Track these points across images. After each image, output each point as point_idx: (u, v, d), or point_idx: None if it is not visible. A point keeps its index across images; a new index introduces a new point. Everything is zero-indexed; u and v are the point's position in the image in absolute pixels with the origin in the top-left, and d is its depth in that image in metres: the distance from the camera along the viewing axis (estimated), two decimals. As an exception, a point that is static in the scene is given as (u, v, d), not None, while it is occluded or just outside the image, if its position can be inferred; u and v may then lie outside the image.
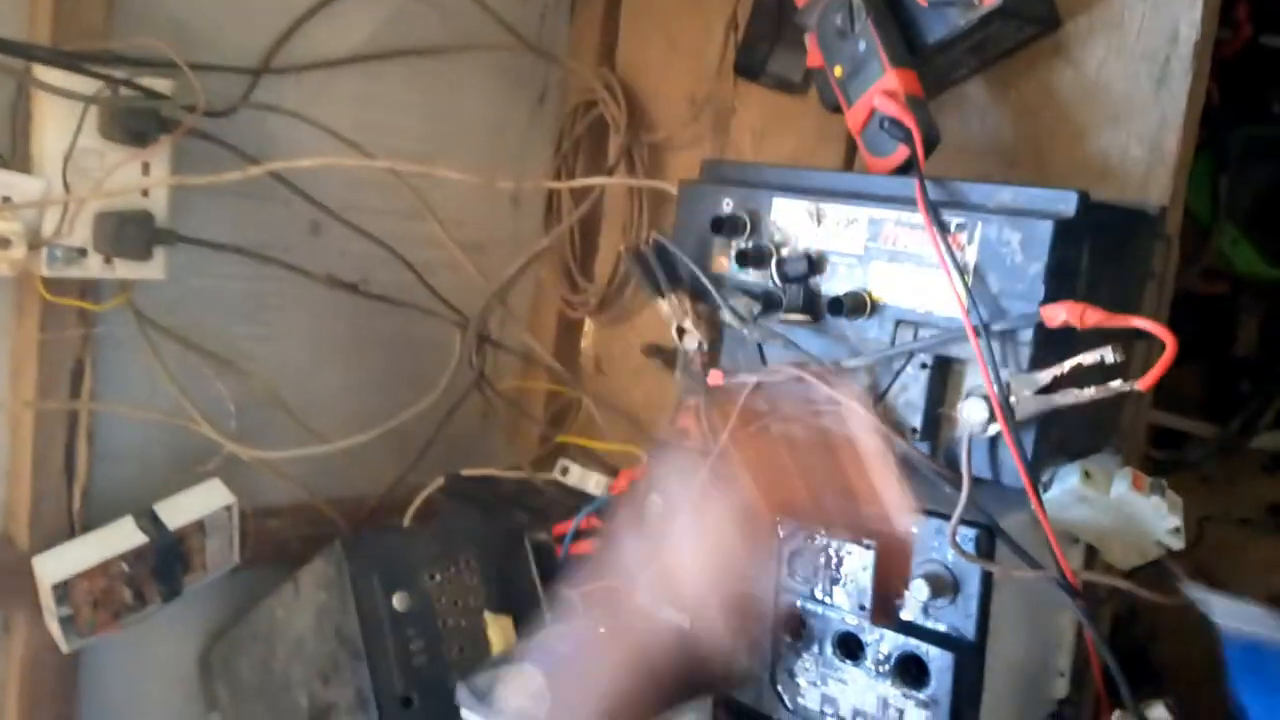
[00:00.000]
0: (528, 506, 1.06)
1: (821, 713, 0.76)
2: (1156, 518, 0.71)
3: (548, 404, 1.26)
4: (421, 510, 1.10)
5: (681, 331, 0.83)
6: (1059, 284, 0.64)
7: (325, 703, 0.84)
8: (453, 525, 0.91)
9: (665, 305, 0.82)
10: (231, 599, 1.06)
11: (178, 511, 0.95)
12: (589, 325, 1.27)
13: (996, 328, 0.64)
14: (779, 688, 0.79)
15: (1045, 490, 0.72)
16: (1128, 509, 0.71)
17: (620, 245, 1.15)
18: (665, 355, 1.14)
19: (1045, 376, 0.62)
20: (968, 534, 0.69)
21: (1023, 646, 0.77)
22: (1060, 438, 0.69)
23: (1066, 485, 0.71)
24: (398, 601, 0.83)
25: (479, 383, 1.08)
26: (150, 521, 0.93)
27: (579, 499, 1.07)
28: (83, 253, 0.89)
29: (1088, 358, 0.60)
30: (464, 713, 0.76)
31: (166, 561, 0.94)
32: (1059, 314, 0.62)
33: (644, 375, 1.20)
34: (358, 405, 1.09)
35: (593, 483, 1.10)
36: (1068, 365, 0.61)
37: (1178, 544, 0.73)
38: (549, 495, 1.11)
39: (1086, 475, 0.71)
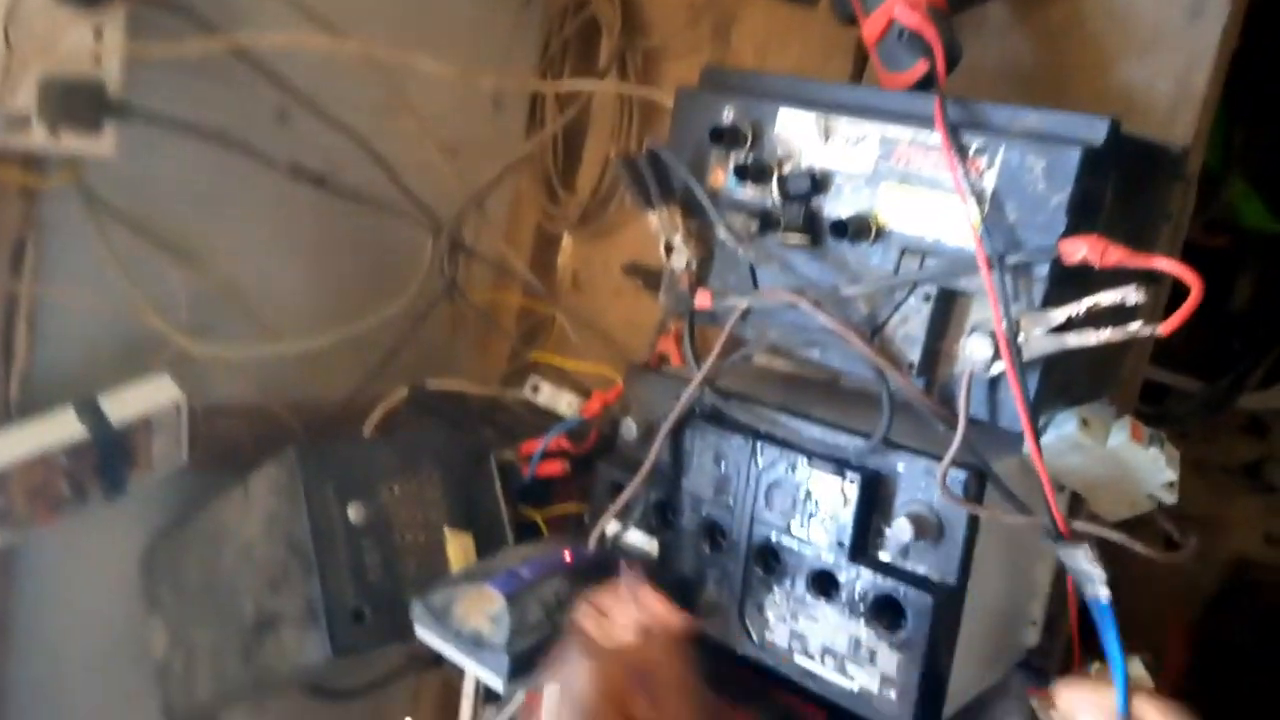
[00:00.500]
0: (495, 423, 1.02)
1: (789, 649, 0.74)
2: (1153, 470, 0.69)
3: (520, 320, 1.21)
4: (383, 421, 1.06)
5: (669, 248, 0.78)
6: (1080, 218, 0.60)
7: (272, 611, 0.80)
8: (415, 438, 0.87)
9: (654, 218, 0.77)
10: (179, 500, 1.02)
11: (123, 405, 0.90)
12: (567, 240, 1.22)
13: (1011, 260, 0.60)
14: (746, 621, 0.77)
15: (1042, 434, 0.69)
16: (1123, 460, 0.69)
17: (608, 154, 1.09)
18: (647, 275, 1.10)
19: (1059, 315, 0.58)
20: (957, 476, 0.66)
21: (998, 593, 0.75)
22: (1062, 382, 0.66)
23: (1062, 432, 0.68)
24: (353, 512, 0.79)
25: (450, 291, 1.03)
26: (92, 414, 0.87)
27: (549, 419, 1.03)
28: (26, 121, 0.82)
29: (1108, 297, 0.56)
30: (419, 630, 0.73)
31: (109, 457, 0.89)
32: (1079, 249, 0.58)
33: (623, 295, 1.15)
34: (319, 307, 1.04)
35: (564, 403, 1.07)
36: (1085, 304, 0.57)
37: (1171, 498, 0.71)
38: (517, 413, 1.07)
39: (1084, 423, 0.68)
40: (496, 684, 0.68)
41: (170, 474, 0.97)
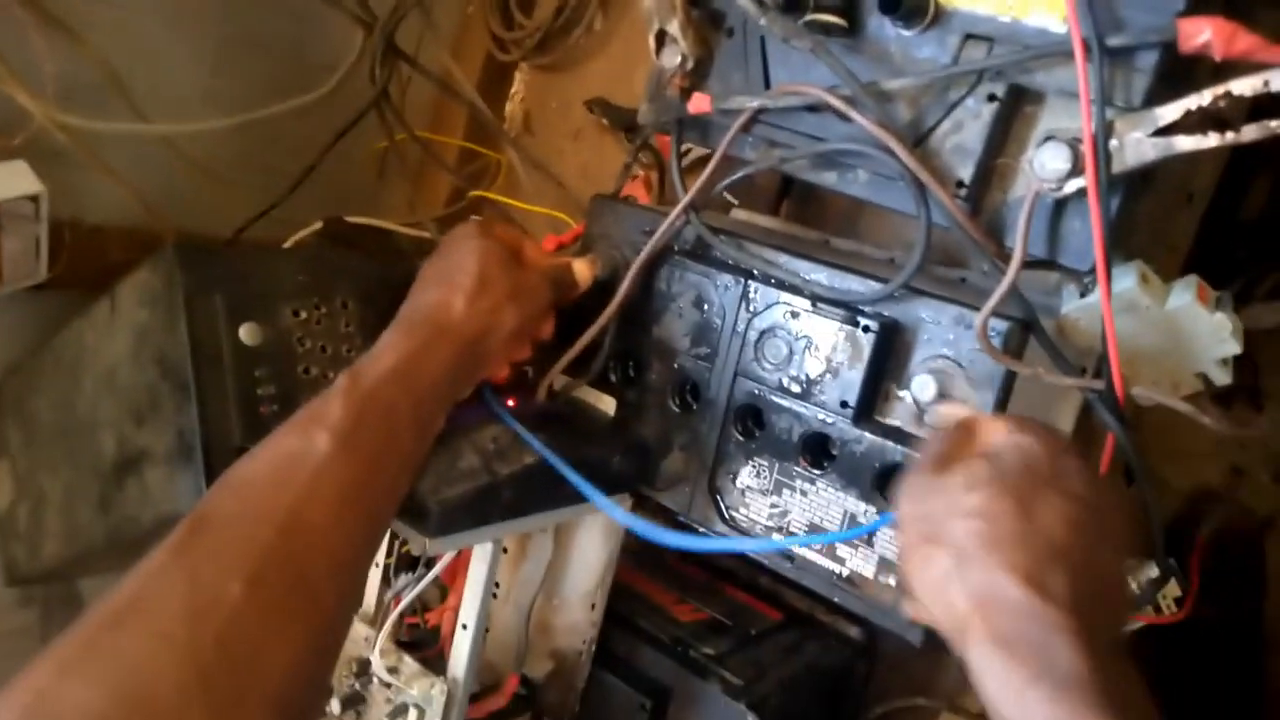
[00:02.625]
0: (425, 263, 0.86)
1: (768, 526, 0.63)
2: (1213, 340, 0.58)
3: (462, 161, 1.06)
4: (291, 256, 0.90)
5: (662, 39, 0.64)
6: (1201, -3, 0.48)
7: (136, 448, 0.65)
8: (330, 257, 0.72)
9: (648, -3, 0.63)
10: (35, 324, 0.84)
11: (-39, 190, 0.72)
12: (520, 75, 1.06)
13: (1112, 43, 0.48)
14: (717, 493, 0.65)
15: (1088, 292, 0.58)
16: (1180, 326, 0.58)
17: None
18: (613, 112, 0.95)
19: (1172, 111, 0.46)
20: (997, 327, 0.55)
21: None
22: (1128, 224, 0.55)
23: (1118, 288, 0.57)
24: (246, 333, 0.64)
25: (379, 101, 0.87)
26: (-81, 194, 0.70)
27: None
28: None
29: (1245, 84, 0.44)
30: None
31: (-60, 253, 0.72)
32: (1201, 31, 0.46)
33: (583, 140, 1.00)
34: (218, 107, 0.86)
35: (508, 247, 0.92)
36: (1209, 95, 0.45)
37: (1224, 378, 0.61)
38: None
39: (1144, 278, 0.57)
40: (417, 539, 0.54)
41: (23, 290, 0.80)
